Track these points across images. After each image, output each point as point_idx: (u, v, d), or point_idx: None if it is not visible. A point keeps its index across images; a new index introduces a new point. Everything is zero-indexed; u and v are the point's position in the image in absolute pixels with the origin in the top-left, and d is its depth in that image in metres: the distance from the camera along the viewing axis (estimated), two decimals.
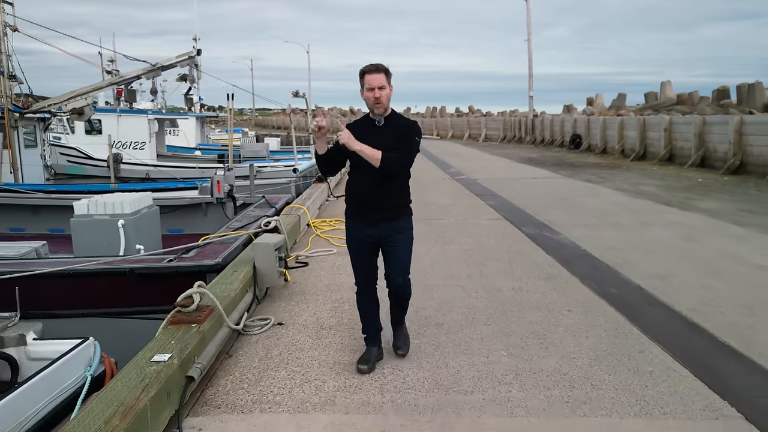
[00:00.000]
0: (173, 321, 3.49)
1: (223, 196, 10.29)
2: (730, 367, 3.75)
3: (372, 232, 3.58)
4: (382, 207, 3.55)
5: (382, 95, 3.45)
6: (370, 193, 3.52)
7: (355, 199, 3.65)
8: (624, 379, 3.54)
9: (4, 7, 14.74)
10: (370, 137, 3.45)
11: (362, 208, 3.60)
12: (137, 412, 2.51)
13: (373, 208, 3.56)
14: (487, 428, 2.97)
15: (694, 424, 3.03)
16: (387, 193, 3.53)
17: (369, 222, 3.58)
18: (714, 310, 4.78)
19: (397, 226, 3.61)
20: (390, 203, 3.57)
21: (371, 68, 3.48)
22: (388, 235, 3.59)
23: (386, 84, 3.48)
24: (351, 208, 3.69)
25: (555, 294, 5.25)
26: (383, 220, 3.57)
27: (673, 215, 9.57)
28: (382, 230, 3.57)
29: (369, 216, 3.57)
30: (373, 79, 3.44)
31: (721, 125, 17.03)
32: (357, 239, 3.66)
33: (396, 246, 3.61)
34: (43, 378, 3.49)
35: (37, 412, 3.37)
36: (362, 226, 3.61)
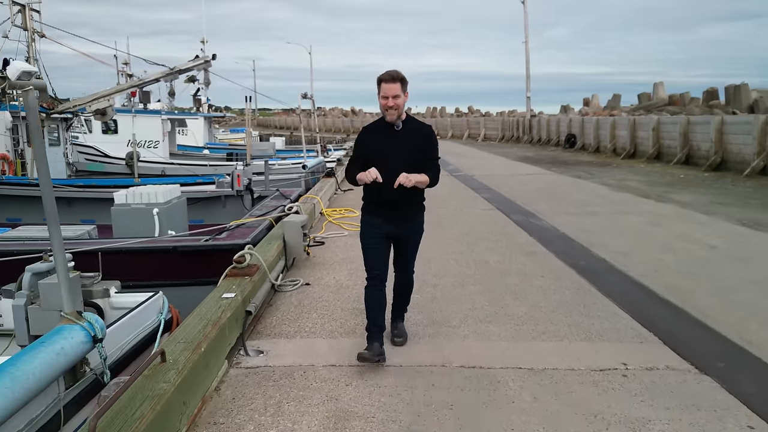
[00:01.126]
0: (230, 274, 4.54)
1: (242, 188, 11.36)
2: (662, 314, 4.80)
3: (390, 228, 3.78)
4: (401, 205, 3.74)
5: (396, 104, 3.63)
6: (391, 194, 3.65)
7: (375, 198, 3.77)
8: (577, 319, 4.59)
9: (32, 15, 15.80)
10: (390, 141, 3.71)
11: (382, 206, 3.76)
12: (221, 326, 3.57)
13: (393, 207, 3.73)
14: (469, 348, 4.03)
15: (623, 345, 4.09)
16: (406, 195, 3.68)
17: (388, 219, 3.76)
18: (661, 276, 5.83)
19: (413, 222, 3.86)
20: (409, 201, 3.75)
21: (387, 77, 3.65)
22: (406, 230, 3.83)
23: (401, 93, 3.65)
24: (370, 206, 3.85)
25: (532, 265, 6.31)
26: (402, 218, 3.78)
27: (648, 206, 10.62)
28: (400, 226, 3.79)
29: (389, 214, 3.75)
30: (388, 89, 3.62)
31: (703, 125, 18.08)
32: (375, 234, 3.81)
33: (411, 241, 3.90)
34: (129, 319, 4.54)
35: (127, 344, 4.41)
36: (381, 222, 3.78)
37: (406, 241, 3.89)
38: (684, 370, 3.67)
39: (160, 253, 7.18)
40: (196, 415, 3.04)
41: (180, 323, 4.83)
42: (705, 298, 5.09)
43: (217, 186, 13.09)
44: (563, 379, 3.52)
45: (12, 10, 15.44)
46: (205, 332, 3.39)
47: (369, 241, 3.82)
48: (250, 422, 3.01)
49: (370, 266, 3.82)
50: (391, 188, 3.61)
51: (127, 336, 4.52)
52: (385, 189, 3.65)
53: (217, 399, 3.28)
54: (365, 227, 3.87)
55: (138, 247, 7.04)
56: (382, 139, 3.75)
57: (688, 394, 3.34)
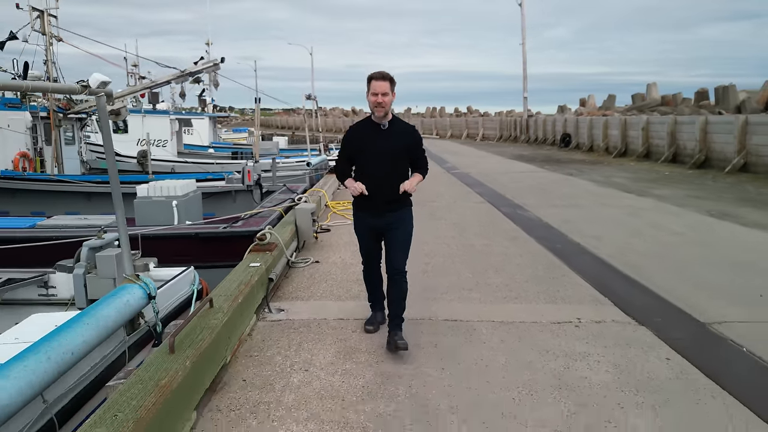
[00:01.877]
0: (253, 249, 5.39)
1: (252, 183, 12.22)
2: (619, 284, 5.64)
3: (377, 222, 4.04)
4: (386, 201, 3.97)
5: (384, 101, 3.84)
6: (377, 190, 3.93)
7: (365, 197, 3.98)
8: (546, 288, 5.45)
9: (50, 20, 16.65)
10: (377, 139, 3.93)
11: (369, 202, 3.99)
12: (251, 285, 4.42)
13: (378, 202, 3.97)
14: (453, 307, 4.88)
15: (580, 306, 4.94)
16: (390, 189, 3.94)
17: (375, 213, 4.02)
18: (625, 256, 6.68)
19: (399, 216, 4.05)
20: (393, 198, 3.97)
21: (378, 75, 3.87)
22: (391, 223, 4.03)
23: (389, 91, 3.87)
24: (359, 202, 4.10)
25: (514, 247, 7.17)
26: (387, 212, 4.00)
27: (629, 199, 11.47)
28: (386, 220, 4.02)
29: (375, 209, 4.00)
30: (378, 86, 3.83)
31: (689, 125, 18.92)
32: (364, 227, 4.12)
33: (397, 233, 4.05)
34: (169, 287, 5.39)
35: (168, 306, 5.26)
36: (369, 216, 4.06)
37: (393, 234, 4.05)
38: (626, 323, 4.52)
39: (183, 239, 8.05)
40: (236, 350, 3.89)
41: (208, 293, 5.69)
42: (659, 273, 5.93)
43: (227, 182, 13.97)
44: (527, 329, 4.37)
45: (31, 16, 16.30)
46: (239, 289, 4.24)
47: (361, 232, 4.18)
48: (278, 355, 3.87)
49: (363, 254, 4.26)
50: (378, 187, 3.91)
51: (168, 301, 5.38)
52: (370, 186, 3.92)
53: (249, 341, 4.13)
54: (357, 220, 4.21)
55: (167, 233, 7.90)
56: (370, 137, 3.96)
57: (625, 338, 4.20)
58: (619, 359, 3.81)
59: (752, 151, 15.79)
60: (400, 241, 4.06)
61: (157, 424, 2.55)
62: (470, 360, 3.80)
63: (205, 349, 3.24)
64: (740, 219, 9.10)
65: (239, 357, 3.84)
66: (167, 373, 2.82)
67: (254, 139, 17.17)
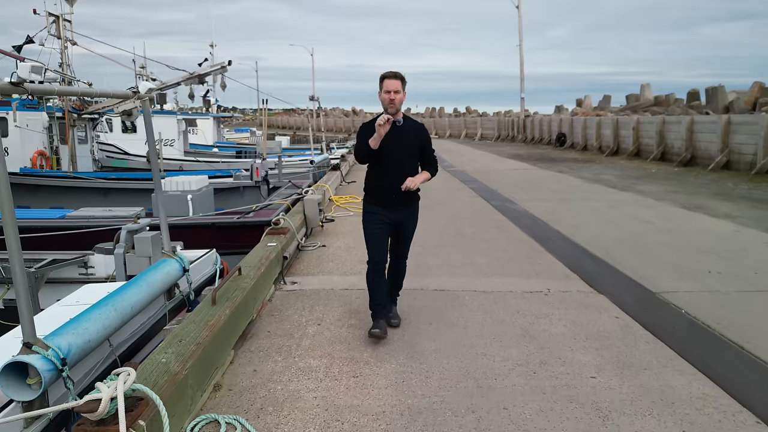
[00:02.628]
0: (269, 232, 6.19)
1: (260, 179, 13.03)
2: (588, 264, 6.44)
3: (391, 216, 4.16)
4: (399, 196, 4.08)
5: (396, 98, 3.98)
6: (392, 184, 4.05)
7: (378, 189, 4.16)
8: (524, 266, 6.25)
9: (66, 25, 17.46)
10: (392, 136, 3.96)
11: (384, 196, 4.13)
12: (270, 261, 5.23)
13: (393, 197, 4.09)
14: (441, 281, 5.68)
15: (551, 280, 5.74)
16: (401, 182, 4.03)
17: (389, 208, 4.13)
18: (598, 241, 7.48)
19: (411, 210, 4.25)
20: (406, 192, 4.07)
21: (390, 74, 4.03)
22: (404, 218, 4.21)
23: (401, 89, 4.02)
24: (373, 196, 4.21)
25: (500, 234, 7.98)
26: (399, 207, 4.15)
27: (612, 194, 12.28)
28: (397, 214, 4.17)
29: (390, 203, 4.12)
30: (390, 84, 3.99)
31: (676, 124, 19.74)
32: (376, 221, 4.16)
33: (408, 227, 4.29)
34: (196, 265, 6.19)
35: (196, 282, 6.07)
36: (382, 210, 4.15)
37: (403, 228, 4.27)
38: (587, 292, 5.33)
39: (202, 228, 8.86)
40: (260, 310, 4.70)
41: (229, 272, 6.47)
42: (624, 255, 6.73)
43: (234, 179, 14.78)
44: (502, 296, 5.18)
45: (48, 21, 17.11)
46: (261, 262, 5.05)
47: (370, 227, 4.19)
48: (295, 314, 4.68)
49: (371, 251, 4.20)
50: (391, 180, 4.05)
51: (195, 277, 6.18)
52: (386, 180, 4.09)
53: (270, 305, 4.94)
54: (367, 215, 4.24)
55: (187, 223, 8.72)
56: (385, 136, 3.98)
57: (584, 303, 5.01)
58: (576, 317, 4.62)
59: (734, 150, 16.60)
60: (408, 234, 4.34)
61: (209, 352, 3.35)
62: (453, 318, 4.61)
63: (238, 303, 4.05)
64: (710, 211, 9.91)
65: (263, 316, 4.65)
66: (212, 317, 3.63)
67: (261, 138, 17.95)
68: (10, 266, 2.99)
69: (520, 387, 3.41)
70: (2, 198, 2.73)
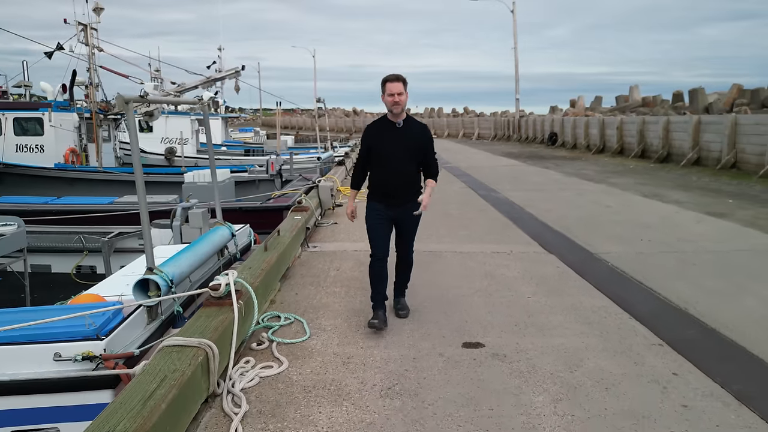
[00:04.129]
0: (294, 210, 7.80)
1: (275, 173, 14.65)
2: (548, 235, 8.04)
3: (392, 213, 4.40)
4: (402, 194, 4.33)
5: (400, 100, 4.17)
6: (394, 184, 4.31)
7: (380, 189, 4.39)
8: (496, 237, 7.87)
9: (93, 33, 19.08)
10: (394, 137, 4.26)
11: (386, 195, 4.36)
12: (298, 228, 6.85)
13: (395, 195, 4.34)
14: (429, 246, 7.27)
15: (515, 245, 7.35)
16: (406, 184, 4.34)
17: (389, 205, 4.38)
18: (562, 221, 9.08)
19: (410, 207, 4.35)
20: (408, 190, 4.35)
21: (392, 78, 4.21)
22: (404, 214, 4.39)
23: (404, 91, 4.20)
24: (376, 195, 4.45)
25: (481, 216, 9.60)
26: (401, 204, 4.35)
27: (586, 185, 13.89)
28: (399, 211, 4.39)
29: (392, 201, 4.36)
30: (393, 87, 4.17)
31: (654, 124, 21.35)
32: (379, 218, 4.42)
33: (409, 224, 4.50)
34: (237, 235, 7.80)
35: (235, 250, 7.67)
36: (384, 207, 4.40)
37: (405, 224, 4.48)
38: (541, 252, 6.95)
39: (230, 211, 10.43)
40: (293, 261, 6.32)
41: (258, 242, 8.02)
42: (579, 230, 8.33)
43: (249, 173, 16.41)
44: (475, 255, 6.79)
45: (77, 29, 18.73)
46: (291, 230, 6.67)
47: (373, 222, 4.47)
48: (319, 264, 6.30)
49: (373, 245, 4.47)
50: (392, 179, 4.30)
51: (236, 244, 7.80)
52: (387, 180, 4.34)
53: (299, 260, 6.56)
54: (369, 212, 4.49)
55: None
56: (387, 136, 4.32)
57: (536, 259, 6.62)
58: (527, 267, 6.24)
59: (704, 147, 18.21)
60: (411, 229, 4.57)
61: (267, 277, 4.95)
62: (437, 267, 6.22)
63: (281, 252, 5.66)
64: (664, 198, 11.52)
65: (296, 266, 6.27)
66: (266, 257, 5.24)
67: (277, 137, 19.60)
68: (142, 225, 4.61)
69: (477, 302, 5.03)
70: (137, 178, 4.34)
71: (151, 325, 4.51)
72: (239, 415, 3.03)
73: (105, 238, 7.96)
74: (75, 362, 3.88)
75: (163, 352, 3.13)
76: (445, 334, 4.29)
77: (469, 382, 3.49)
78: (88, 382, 3.89)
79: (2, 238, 6.53)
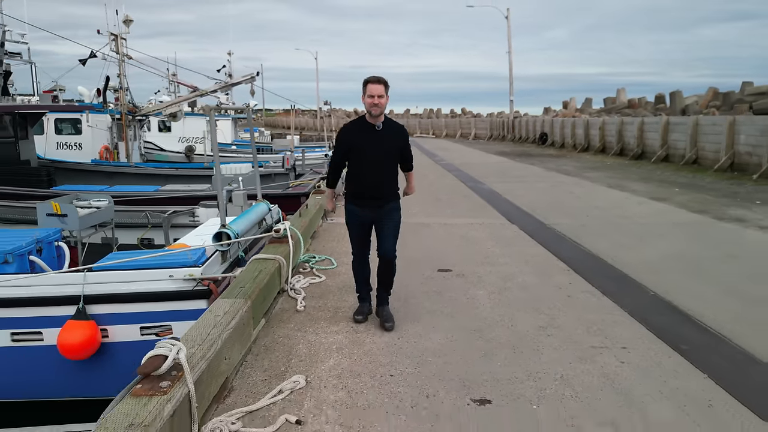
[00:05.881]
0: (314, 192, 9.88)
1: (290, 167, 16.73)
2: (516, 213, 10.10)
3: (368, 213, 4.48)
4: (376, 195, 4.39)
5: (380, 102, 4.18)
6: (369, 185, 4.37)
7: (355, 190, 4.46)
8: (474, 214, 9.95)
9: (122, 42, 21.14)
10: (373, 141, 4.30)
11: (361, 196, 4.44)
12: (320, 205, 8.94)
13: (369, 196, 4.40)
14: (419, 219, 9.35)
15: (487, 219, 9.44)
16: (384, 185, 4.41)
17: (368, 207, 4.44)
18: (533, 204, 11.12)
19: (387, 208, 4.48)
20: (383, 192, 4.41)
21: (374, 79, 4.23)
22: (382, 215, 4.47)
23: (384, 94, 4.20)
24: (351, 196, 4.51)
25: (465, 200, 11.69)
26: (377, 205, 4.42)
27: (561, 178, 15.96)
28: (375, 212, 4.46)
29: (366, 202, 4.43)
30: (374, 89, 4.18)
31: (631, 125, 23.43)
32: (356, 219, 4.55)
33: (388, 223, 4.53)
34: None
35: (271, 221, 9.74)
36: (360, 209, 4.48)
37: (382, 224, 4.52)
38: (506, 223, 9.03)
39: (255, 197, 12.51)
40: (317, 228, 8.40)
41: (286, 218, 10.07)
42: (542, 210, 10.38)
43: (266, 168, 18.48)
44: (454, 225, 8.86)
45: (109, 38, 20.79)
46: (316, 207, 8.75)
47: (351, 225, 4.61)
48: (336, 230, 8.37)
49: (353, 247, 4.70)
50: (368, 182, 4.34)
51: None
52: (363, 182, 4.37)
53: (321, 229, 8.63)
54: (347, 214, 4.60)
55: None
56: (365, 137, 4.32)
57: (501, 227, 8.70)
58: (492, 232, 8.31)
59: (671, 145, 20.29)
60: (390, 230, 4.55)
61: (303, 233, 7.02)
62: (425, 233, 8.29)
63: (310, 218, 7.73)
64: (624, 188, 13.59)
65: (319, 231, 8.34)
66: (302, 220, 7.31)
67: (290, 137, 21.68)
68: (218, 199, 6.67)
69: (452, 251, 7.11)
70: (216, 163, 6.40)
71: (224, 264, 6.59)
72: (300, 297, 5.11)
73: (164, 215, 10.03)
74: (182, 281, 5.96)
75: (254, 261, 5.21)
76: (425, 266, 6.36)
77: (439, 286, 5.57)
78: (190, 294, 5.97)
79: (101, 209, 8.56)
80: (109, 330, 5.98)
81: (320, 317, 4.77)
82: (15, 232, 7.29)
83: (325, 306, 5.04)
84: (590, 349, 4.07)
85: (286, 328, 4.52)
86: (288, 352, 4.01)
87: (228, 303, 4.00)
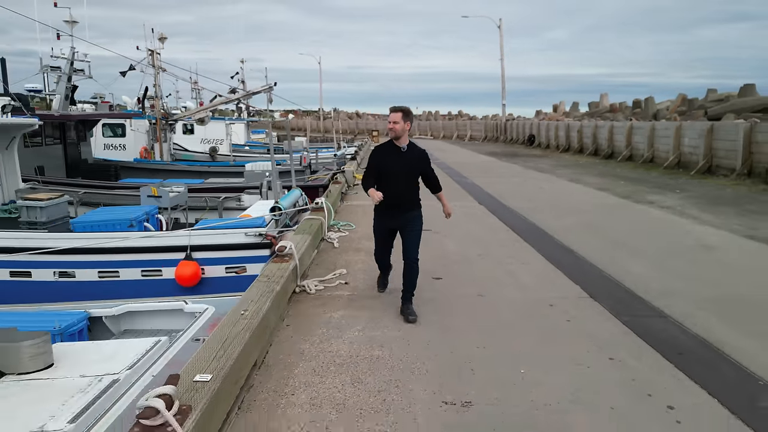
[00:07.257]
0: (333, 182, 12.98)
1: (306, 164, 19.84)
2: (489, 201, 13.18)
3: (393, 223, 5.31)
4: (401, 206, 5.22)
5: (395, 128, 5.05)
6: (395, 198, 5.14)
7: (385, 201, 5.09)
8: (455, 199, 13.01)
9: (158, 56, 24.25)
10: (398, 161, 5.15)
11: (386, 207, 5.18)
12: (339, 191, 12.04)
13: (396, 208, 5.19)
14: None
15: (462, 202, 12.52)
16: (406, 197, 5.25)
17: (393, 216, 5.26)
18: (502, 193, 14.19)
19: (411, 216, 5.28)
20: (408, 203, 5.28)
21: (394, 109, 5.10)
22: (405, 224, 5.25)
23: (400, 120, 5.02)
24: (380, 208, 5.30)
25: (449, 191, 14.78)
26: (403, 215, 5.25)
27: (534, 174, 19.04)
28: (399, 221, 5.27)
29: (393, 213, 5.24)
30: (392, 116, 5.09)
31: (603, 128, 26.53)
32: (382, 228, 5.46)
33: (410, 231, 5.27)
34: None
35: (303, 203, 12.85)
36: (386, 219, 5.32)
37: (406, 231, 5.24)
38: (476, 205, 12.12)
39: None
40: (338, 209, 11.50)
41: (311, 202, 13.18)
42: (510, 198, 13.45)
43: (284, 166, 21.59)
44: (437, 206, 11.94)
45: (147, 53, 23.92)
46: (337, 192, 11.84)
47: (379, 230, 5.51)
48: (353, 211, 11.45)
49: (378, 246, 5.65)
50: (392, 194, 5.08)
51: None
52: (388, 194, 5.07)
53: (340, 209, 11.72)
54: (376, 222, 5.47)
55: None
56: (392, 158, 5.16)
57: (471, 207, 11.80)
58: (465, 211, 11.39)
59: (635, 147, 23.39)
60: (413, 237, 5.25)
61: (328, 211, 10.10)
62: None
63: (332, 200, 10.81)
64: (581, 182, 16.67)
65: (339, 211, 11.43)
66: (328, 199, 10.40)
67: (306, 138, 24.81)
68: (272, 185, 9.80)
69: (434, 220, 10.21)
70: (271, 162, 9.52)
71: (277, 228, 9.70)
72: (335, 241, 8.21)
73: (219, 200, 13.12)
74: (253, 237, 9.06)
75: (306, 220, 8.31)
76: None
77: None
78: (259, 245, 9.07)
79: (181, 194, 11.65)
80: (205, 269, 9.08)
81: (348, 248, 7.89)
82: (130, 209, 10.41)
83: (350, 246, 8.14)
84: (506, 263, 7.18)
85: (330, 254, 7.63)
86: (334, 262, 7.12)
87: (300, 236, 7.10)
